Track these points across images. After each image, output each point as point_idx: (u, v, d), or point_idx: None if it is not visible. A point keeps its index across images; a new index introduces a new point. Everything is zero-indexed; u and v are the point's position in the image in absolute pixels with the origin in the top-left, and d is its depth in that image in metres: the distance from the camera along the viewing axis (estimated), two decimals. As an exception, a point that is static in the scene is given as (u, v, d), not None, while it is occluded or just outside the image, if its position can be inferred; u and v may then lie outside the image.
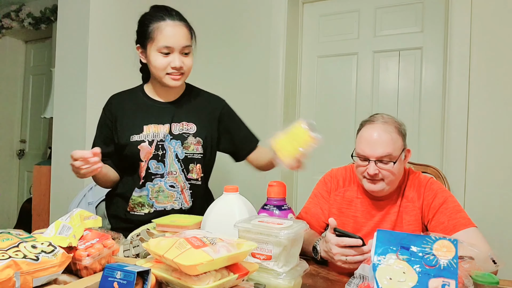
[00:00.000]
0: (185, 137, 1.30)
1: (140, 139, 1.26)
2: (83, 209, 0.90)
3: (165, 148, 1.28)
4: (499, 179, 1.81)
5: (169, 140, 1.28)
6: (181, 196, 1.30)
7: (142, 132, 1.27)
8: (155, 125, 1.28)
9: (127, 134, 1.27)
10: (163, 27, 1.20)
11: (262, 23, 2.38)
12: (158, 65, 1.21)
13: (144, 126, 1.27)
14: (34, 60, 3.80)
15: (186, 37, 1.23)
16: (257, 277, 0.79)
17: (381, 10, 2.24)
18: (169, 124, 1.29)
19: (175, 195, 1.29)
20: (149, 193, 1.28)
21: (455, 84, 1.89)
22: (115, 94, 1.38)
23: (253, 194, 1.19)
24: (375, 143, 1.15)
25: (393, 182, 1.17)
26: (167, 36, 1.19)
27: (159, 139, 1.27)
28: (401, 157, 1.17)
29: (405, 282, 0.69)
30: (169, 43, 1.19)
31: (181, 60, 1.22)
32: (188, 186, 1.32)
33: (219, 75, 2.55)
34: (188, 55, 1.25)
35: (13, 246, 0.71)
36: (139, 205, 1.29)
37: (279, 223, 0.83)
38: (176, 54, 1.21)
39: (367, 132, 1.18)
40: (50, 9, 3.21)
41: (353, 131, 2.25)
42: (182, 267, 0.65)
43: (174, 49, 1.21)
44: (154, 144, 1.27)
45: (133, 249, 1.00)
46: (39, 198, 2.73)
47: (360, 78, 2.29)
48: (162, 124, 1.29)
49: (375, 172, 1.14)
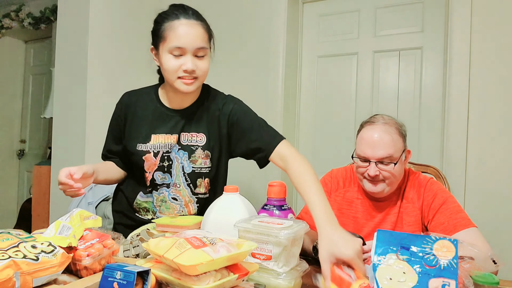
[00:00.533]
0: (193, 149, 1.21)
1: (146, 149, 1.20)
2: (83, 209, 0.90)
3: (172, 158, 1.21)
4: (499, 179, 1.81)
5: (177, 150, 1.21)
6: (184, 209, 1.25)
7: (149, 142, 1.20)
8: (163, 134, 1.21)
9: (134, 142, 1.21)
10: (176, 26, 1.09)
11: (262, 23, 2.38)
12: (168, 67, 1.10)
13: (152, 135, 1.21)
14: (34, 60, 3.80)
15: (201, 38, 1.12)
16: (257, 277, 0.79)
17: (381, 10, 2.24)
18: (178, 134, 1.21)
19: (178, 208, 1.24)
20: (154, 200, 1.24)
21: (455, 84, 1.89)
22: (130, 92, 1.29)
23: (253, 194, 1.19)
24: (376, 144, 1.14)
25: (393, 183, 1.17)
26: (179, 35, 1.08)
27: (165, 150, 1.20)
28: (402, 158, 1.17)
29: (405, 282, 0.69)
30: (181, 43, 1.08)
31: (194, 63, 1.10)
32: (195, 200, 1.25)
33: (219, 75, 2.55)
34: (203, 58, 1.13)
35: (13, 246, 0.71)
36: (144, 210, 1.26)
37: (279, 223, 0.83)
38: (189, 56, 1.10)
39: (368, 133, 1.18)
40: (50, 9, 3.21)
41: (353, 131, 2.25)
42: (182, 267, 0.65)
43: (187, 51, 1.09)
44: (159, 156, 1.20)
45: (133, 249, 1.00)
46: (39, 198, 2.73)
47: (360, 78, 2.29)
48: (171, 134, 1.21)
49: (376, 173, 1.14)
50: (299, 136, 2.46)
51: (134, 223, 1.24)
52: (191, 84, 1.13)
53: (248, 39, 2.44)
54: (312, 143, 2.41)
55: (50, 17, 3.23)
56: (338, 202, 1.30)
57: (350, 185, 1.31)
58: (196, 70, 1.11)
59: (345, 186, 1.32)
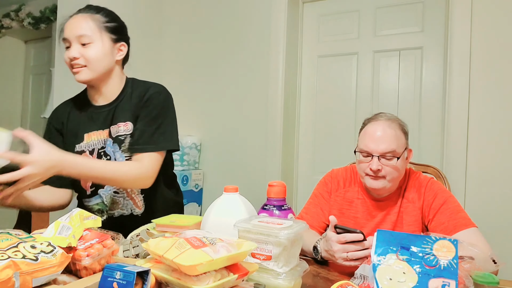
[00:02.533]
0: (121, 139, 1.18)
1: (81, 149, 1.19)
2: (82, 209, 0.90)
3: (108, 153, 1.19)
4: (499, 179, 1.81)
5: (112, 144, 1.19)
6: (129, 202, 1.22)
7: (83, 142, 1.20)
8: (95, 131, 1.20)
9: (71, 146, 1.20)
10: (67, 21, 1.15)
11: (262, 23, 2.38)
12: (64, 60, 1.13)
13: (85, 134, 1.20)
14: (34, 60, 3.80)
15: (83, 26, 1.11)
16: (257, 277, 0.78)
17: (381, 10, 2.24)
18: (108, 129, 1.19)
19: (121, 201, 1.22)
20: (104, 199, 1.22)
21: (455, 84, 1.89)
22: (61, 104, 1.30)
23: (253, 194, 1.19)
24: (379, 139, 1.15)
25: (394, 180, 1.17)
26: (65, 28, 1.12)
27: (100, 146, 1.19)
28: (404, 155, 1.17)
29: (405, 282, 0.69)
30: (65, 34, 1.11)
31: (77, 50, 1.10)
32: (138, 190, 1.23)
33: (219, 75, 2.55)
34: (88, 45, 1.11)
35: (12, 246, 0.71)
36: (99, 212, 1.23)
37: (279, 223, 0.83)
38: (75, 46, 1.11)
39: (372, 128, 1.18)
40: (50, 9, 3.21)
41: (353, 131, 2.25)
42: (182, 267, 0.65)
43: (71, 41, 1.11)
44: (95, 153, 1.19)
45: (133, 249, 1.00)
46: (39, 198, 2.73)
47: (360, 78, 2.29)
48: (102, 130, 1.20)
49: (378, 167, 1.14)
50: (299, 136, 2.46)
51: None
52: (78, 72, 1.12)
53: (248, 39, 2.44)
54: (312, 143, 2.41)
55: (50, 17, 3.22)
56: (338, 202, 1.30)
57: (351, 185, 1.31)
58: (81, 58, 1.11)
59: (346, 186, 1.32)
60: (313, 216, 1.31)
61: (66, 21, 1.15)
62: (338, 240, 0.99)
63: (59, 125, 1.25)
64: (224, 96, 2.53)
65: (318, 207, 1.32)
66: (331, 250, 1.01)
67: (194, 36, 2.64)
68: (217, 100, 2.54)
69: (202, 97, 2.61)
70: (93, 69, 1.13)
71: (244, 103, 2.45)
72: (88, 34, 1.11)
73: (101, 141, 1.19)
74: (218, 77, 2.55)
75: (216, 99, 2.55)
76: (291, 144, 2.39)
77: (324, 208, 1.31)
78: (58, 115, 1.25)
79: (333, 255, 1.01)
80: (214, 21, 2.57)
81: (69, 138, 1.22)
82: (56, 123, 1.25)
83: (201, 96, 2.62)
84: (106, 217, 1.23)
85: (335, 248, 1.00)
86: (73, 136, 1.21)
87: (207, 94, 2.59)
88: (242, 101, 2.46)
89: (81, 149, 1.19)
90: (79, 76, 1.12)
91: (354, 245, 0.98)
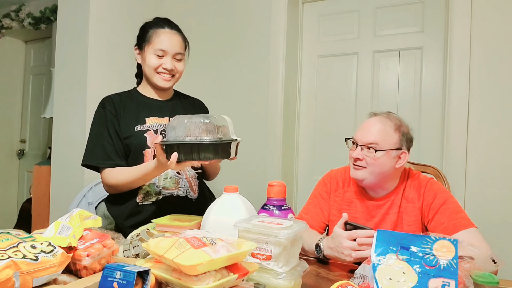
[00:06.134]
0: None
1: (145, 129, 1.33)
2: (83, 209, 0.90)
3: None
4: (499, 179, 1.81)
5: None
6: (186, 184, 1.36)
7: (145, 124, 1.34)
8: (155, 117, 1.36)
9: (132, 126, 1.33)
10: (161, 33, 1.33)
11: (262, 23, 2.38)
12: (151, 64, 1.32)
13: (146, 118, 1.35)
14: (34, 60, 3.80)
15: (180, 45, 1.35)
16: (257, 277, 0.79)
17: (381, 10, 2.24)
18: (168, 118, 1.37)
19: (180, 182, 1.35)
20: (156, 180, 1.32)
21: (455, 84, 1.89)
22: (111, 94, 1.39)
23: (253, 194, 1.19)
24: (366, 130, 1.20)
25: (375, 173, 1.18)
26: (163, 40, 1.32)
27: (162, 128, 1.35)
28: (391, 153, 1.17)
29: (405, 282, 0.69)
30: (164, 46, 1.31)
31: (173, 63, 1.33)
32: (196, 175, 1.39)
33: (219, 75, 2.55)
34: (180, 61, 1.36)
35: (13, 246, 0.71)
36: (147, 194, 1.32)
37: (279, 223, 0.83)
38: (169, 58, 1.33)
39: (367, 121, 1.24)
40: (50, 9, 3.21)
41: (353, 131, 2.24)
42: (182, 267, 0.65)
43: (168, 53, 1.32)
44: (159, 133, 1.34)
45: (133, 249, 1.00)
46: (39, 198, 2.73)
47: (360, 78, 2.29)
48: (162, 117, 1.37)
49: (358, 156, 1.18)
50: (299, 136, 2.46)
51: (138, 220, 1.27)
52: (169, 80, 1.35)
53: (248, 39, 2.44)
54: (312, 143, 2.41)
55: (50, 17, 3.22)
56: (338, 202, 1.30)
57: (350, 186, 1.31)
58: (174, 70, 1.35)
59: (345, 186, 1.32)
60: (312, 216, 1.31)
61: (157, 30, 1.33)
62: (349, 236, 1.00)
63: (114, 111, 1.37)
64: (224, 96, 2.53)
65: (318, 207, 1.32)
66: (340, 246, 1.01)
67: (194, 36, 2.63)
68: (217, 100, 2.54)
69: (202, 97, 2.59)
70: (176, 79, 1.40)
71: (244, 103, 2.45)
72: (183, 53, 1.37)
73: (162, 125, 1.37)
74: (218, 77, 2.55)
75: (216, 99, 2.55)
76: (291, 144, 2.39)
77: (323, 208, 1.31)
78: (114, 102, 1.38)
79: (341, 251, 1.02)
80: (213, 21, 2.57)
81: (128, 120, 1.35)
82: (111, 109, 1.37)
83: (201, 96, 2.60)
84: (162, 197, 1.32)
85: (345, 244, 1.00)
86: (133, 120, 1.35)
87: (207, 94, 2.59)
88: (242, 101, 2.46)
89: (146, 129, 1.34)
90: (166, 83, 1.35)
91: (365, 241, 0.98)
